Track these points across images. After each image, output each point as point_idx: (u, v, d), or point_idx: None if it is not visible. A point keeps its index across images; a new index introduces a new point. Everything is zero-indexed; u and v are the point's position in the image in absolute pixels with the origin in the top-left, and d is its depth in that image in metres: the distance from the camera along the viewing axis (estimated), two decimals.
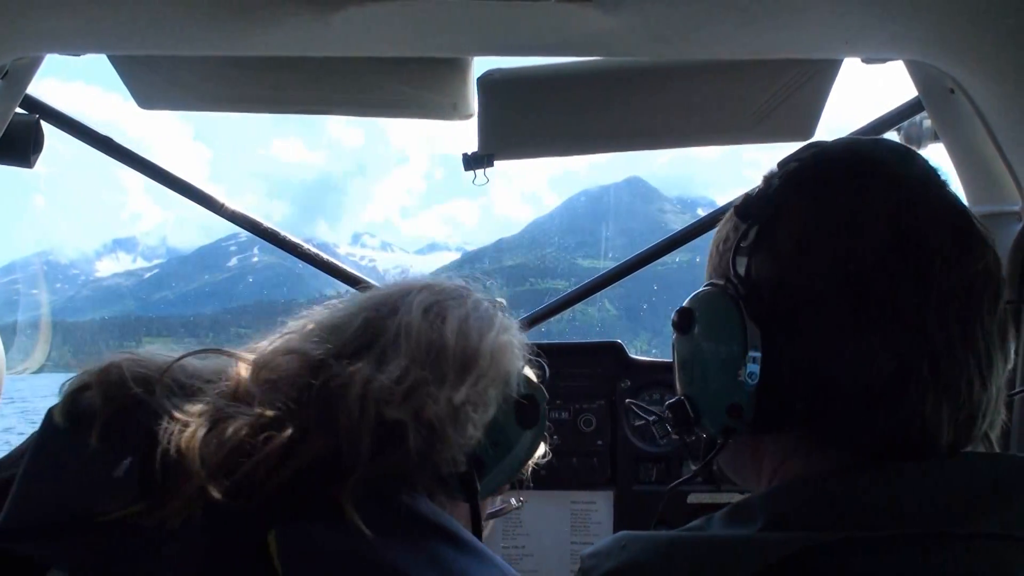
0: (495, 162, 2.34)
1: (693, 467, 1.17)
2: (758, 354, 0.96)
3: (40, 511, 0.94)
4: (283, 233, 2.69)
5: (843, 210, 0.94)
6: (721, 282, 1.03)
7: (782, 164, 1.04)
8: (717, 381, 1.02)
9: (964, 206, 0.96)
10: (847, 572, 0.82)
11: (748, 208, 1.02)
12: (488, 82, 2.15)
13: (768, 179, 1.04)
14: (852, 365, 0.91)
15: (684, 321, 1.07)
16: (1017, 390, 1.80)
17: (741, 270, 1.00)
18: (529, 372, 1.30)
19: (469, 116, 2.25)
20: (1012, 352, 0.95)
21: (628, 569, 0.92)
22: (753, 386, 0.96)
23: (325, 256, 2.77)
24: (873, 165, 0.98)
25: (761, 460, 1.05)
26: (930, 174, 0.99)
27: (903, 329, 0.89)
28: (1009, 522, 0.83)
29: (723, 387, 1.00)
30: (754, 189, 1.06)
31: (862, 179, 0.96)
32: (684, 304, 1.09)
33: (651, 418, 1.35)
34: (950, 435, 0.90)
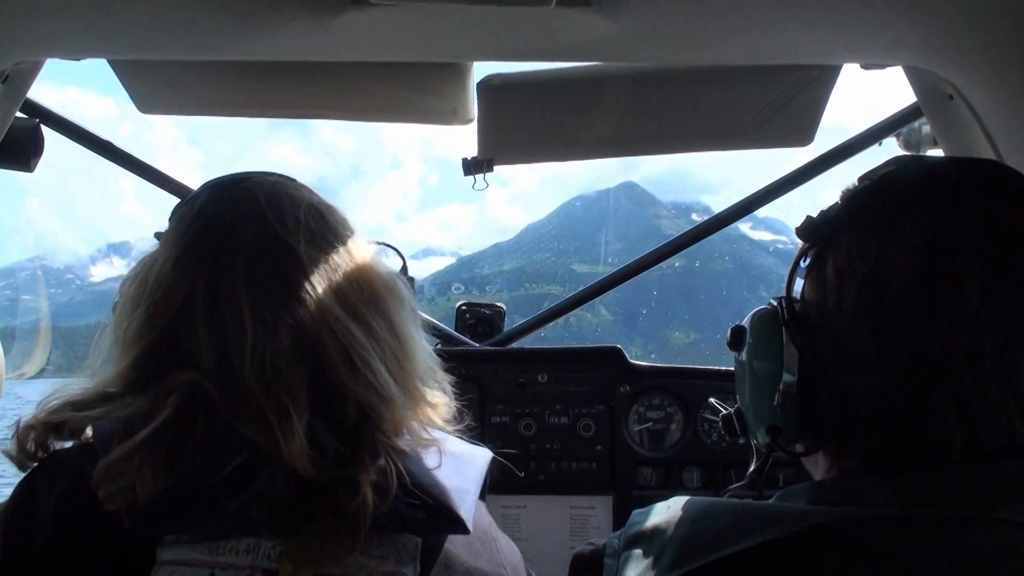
0: (495, 167, 2.35)
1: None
2: (794, 379, 0.99)
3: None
4: None
5: (878, 245, 0.94)
6: (775, 302, 1.05)
7: (860, 179, 1.04)
8: (759, 401, 1.05)
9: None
10: (879, 543, 0.85)
11: (808, 230, 1.03)
12: (488, 87, 2.15)
13: (834, 203, 1.04)
14: (876, 401, 0.93)
15: (736, 339, 1.10)
16: None
17: (799, 291, 1.03)
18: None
19: (469, 121, 2.25)
20: None
21: (668, 524, 0.98)
22: (788, 410, 1.00)
23: None
24: (930, 196, 0.95)
25: (816, 463, 1.08)
26: (1000, 209, 0.92)
27: (928, 372, 0.89)
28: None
29: (764, 407, 1.04)
30: (819, 213, 1.04)
31: (907, 210, 0.94)
32: (740, 321, 1.11)
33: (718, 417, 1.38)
34: (988, 457, 0.90)
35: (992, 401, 0.88)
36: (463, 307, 2.84)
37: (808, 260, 1.02)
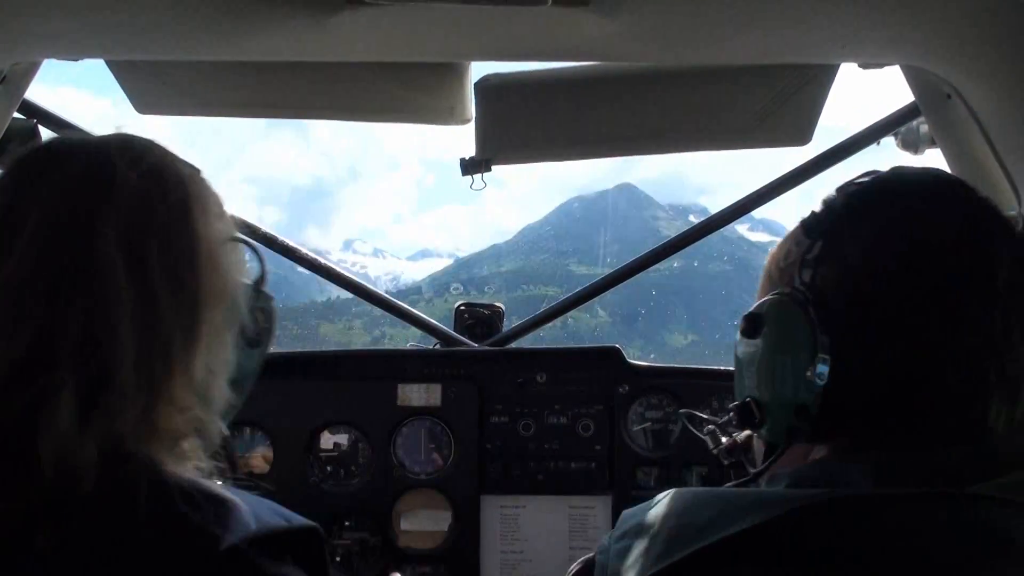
0: (493, 167, 2.34)
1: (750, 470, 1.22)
2: (827, 357, 1.00)
3: None
4: (280, 238, 2.69)
5: (910, 224, 1.01)
6: (788, 290, 1.07)
7: (841, 188, 1.09)
8: (785, 383, 1.06)
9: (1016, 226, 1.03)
10: (869, 522, 0.89)
11: (814, 225, 1.07)
12: (485, 87, 2.15)
13: (830, 201, 1.09)
14: (920, 371, 0.97)
15: (752, 326, 1.11)
16: None
17: (806, 281, 1.05)
18: None
19: (467, 121, 2.25)
20: None
21: (656, 518, 1.01)
22: (821, 388, 1.00)
23: (322, 260, 2.78)
24: (934, 187, 1.06)
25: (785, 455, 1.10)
26: (981, 198, 1.04)
27: (972, 336, 0.95)
28: (1004, 488, 0.90)
29: (791, 389, 1.04)
30: (820, 210, 1.10)
31: (924, 198, 1.03)
32: (751, 310, 1.13)
33: (710, 427, 1.39)
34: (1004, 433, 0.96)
35: (1015, 379, 0.95)
36: (462, 307, 2.84)
37: (818, 251, 1.05)
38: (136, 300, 0.99)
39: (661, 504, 1.03)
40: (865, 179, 1.09)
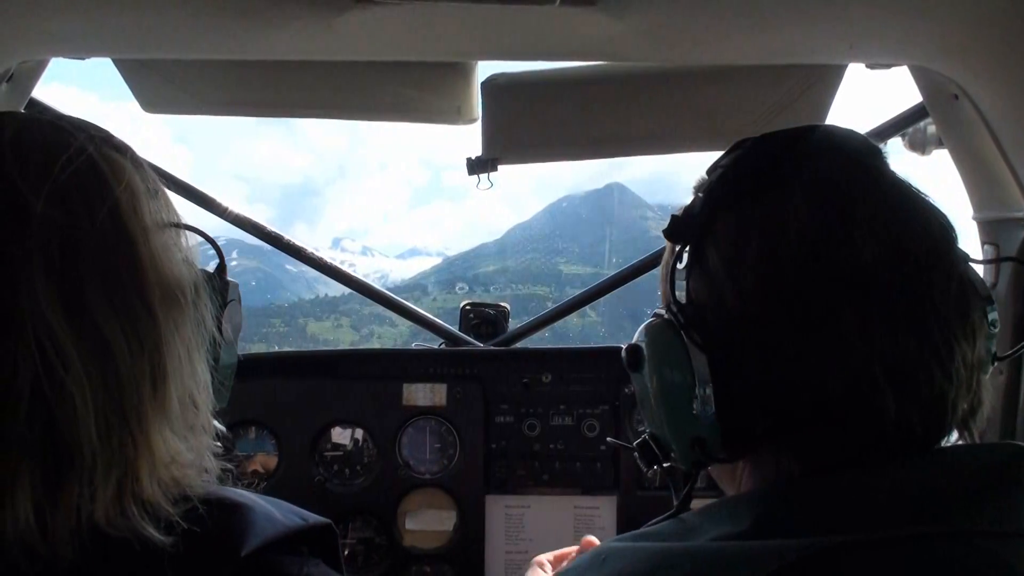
0: (499, 166, 2.34)
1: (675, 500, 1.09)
2: (710, 384, 0.92)
3: None
4: (286, 237, 2.71)
5: (766, 220, 0.91)
6: (664, 312, 0.99)
7: (710, 171, 1.01)
8: (675, 417, 0.97)
9: (900, 181, 0.93)
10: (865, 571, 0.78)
11: (676, 228, 0.98)
12: (492, 86, 2.15)
13: (696, 191, 1.01)
14: (802, 385, 0.88)
15: (634, 359, 1.03)
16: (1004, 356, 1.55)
17: (682, 295, 0.97)
18: None
19: (473, 120, 2.25)
20: (979, 329, 0.90)
21: None
22: (711, 417, 0.93)
23: (327, 259, 2.80)
24: (796, 163, 0.94)
25: (741, 477, 1.02)
26: (864, 160, 0.95)
27: (848, 339, 0.85)
28: (999, 518, 0.81)
29: (682, 422, 0.96)
30: (683, 207, 1.01)
31: (784, 182, 0.92)
32: (633, 340, 1.04)
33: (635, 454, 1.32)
34: (920, 431, 0.87)
35: (913, 360, 0.85)
36: (467, 307, 2.84)
37: (686, 260, 0.97)
38: (87, 353, 0.84)
39: (607, 565, 0.92)
40: (728, 159, 1.00)
